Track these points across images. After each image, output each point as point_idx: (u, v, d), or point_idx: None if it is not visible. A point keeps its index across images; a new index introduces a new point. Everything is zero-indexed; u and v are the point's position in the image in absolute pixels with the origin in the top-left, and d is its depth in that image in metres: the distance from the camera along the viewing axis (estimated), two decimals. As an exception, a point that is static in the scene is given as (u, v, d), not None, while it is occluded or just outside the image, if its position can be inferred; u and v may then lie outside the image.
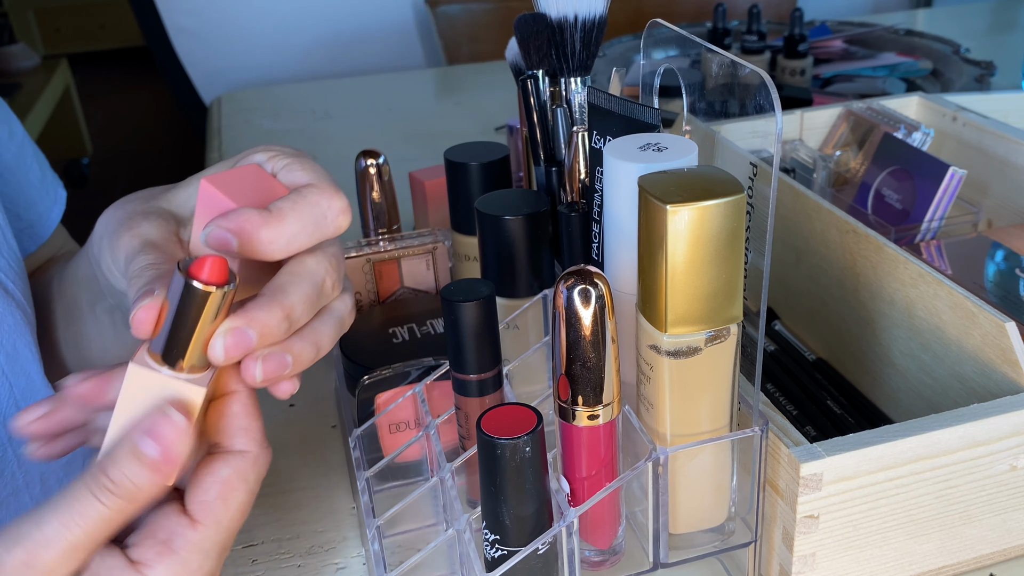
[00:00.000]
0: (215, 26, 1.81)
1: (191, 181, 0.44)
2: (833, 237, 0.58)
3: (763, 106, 0.37)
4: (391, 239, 0.64)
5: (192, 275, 0.34)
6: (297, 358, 0.37)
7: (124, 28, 3.82)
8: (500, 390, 0.48)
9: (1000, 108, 0.81)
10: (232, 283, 0.35)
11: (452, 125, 1.17)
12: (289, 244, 0.37)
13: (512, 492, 0.40)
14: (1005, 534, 0.48)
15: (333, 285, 0.39)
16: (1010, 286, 0.58)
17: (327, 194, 0.38)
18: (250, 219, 0.36)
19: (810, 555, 0.44)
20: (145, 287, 0.37)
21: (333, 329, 0.39)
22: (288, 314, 0.36)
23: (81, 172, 3.08)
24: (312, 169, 0.40)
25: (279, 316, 0.36)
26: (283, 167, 0.41)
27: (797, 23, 1.11)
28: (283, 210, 0.37)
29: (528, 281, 0.53)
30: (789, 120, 0.78)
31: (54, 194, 0.65)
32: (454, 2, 1.68)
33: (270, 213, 0.37)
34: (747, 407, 0.44)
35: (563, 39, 0.54)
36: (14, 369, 0.52)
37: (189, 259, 0.35)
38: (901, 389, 0.55)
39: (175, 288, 0.35)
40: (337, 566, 0.52)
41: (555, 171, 0.56)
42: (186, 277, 0.34)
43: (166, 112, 3.54)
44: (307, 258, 0.38)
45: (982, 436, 0.44)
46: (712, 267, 0.39)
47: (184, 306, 0.34)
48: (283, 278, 0.37)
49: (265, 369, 0.36)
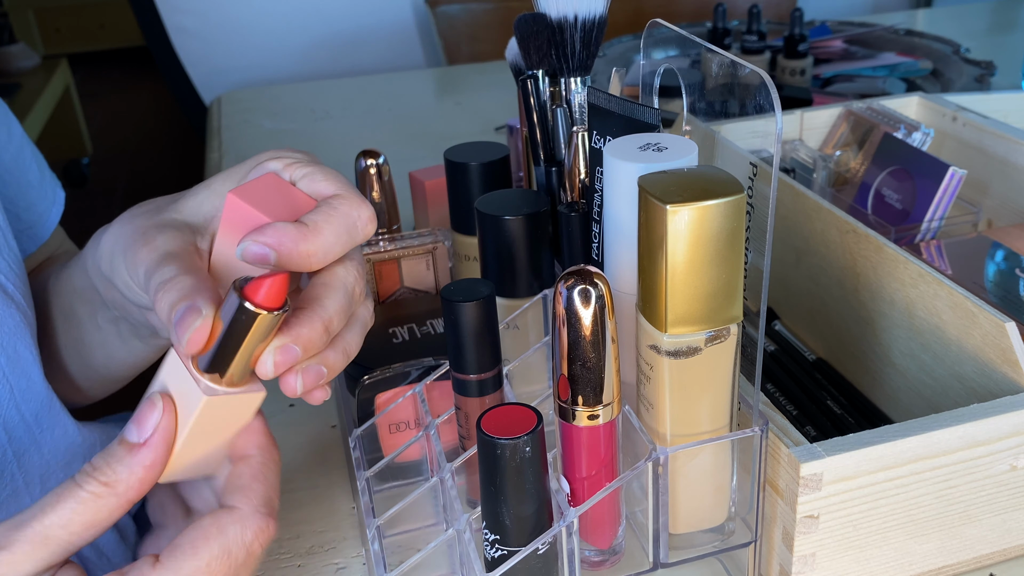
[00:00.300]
0: (215, 26, 1.81)
1: (197, 191, 0.44)
2: (833, 237, 0.58)
3: (763, 106, 0.37)
4: (391, 239, 0.64)
5: (248, 297, 0.34)
6: (331, 368, 0.38)
7: (124, 28, 3.82)
8: (500, 390, 0.48)
9: (1000, 108, 0.81)
10: (287, 307, 0.35)
11: (452, 125, 1.17)
12: (326, 256, 0.38)
13: (512, 492, 0.40)
14: (1005, 534, 0.48)
15: (360, 292, 0.40)
16: (1010, 286, 0.58)
17: (356, 204, 0.39)
18: (288, 233, 0.37)
19: (810, 555, 0.44)
20: (181, 301, 0.36)
21: (359, 335, 0.40)
22: (327, 326, 0.37)
23: (81, 172, 3.08)
24: (334, 178, 0.41)
25: (320, 330, 0.37)
26: (303, 176, 0.41)
27: (797, 23, 1.11)
28: (319, 223, 0.38)
29: (528, 281, 0.53)
30: (789, 120, 0.78)
31: (53, 195, 0.65)
32: (454, 2, 1.68)
33: (307, 227, 0.37)
34: (747, 407, 0.44)
35: (563, 39, 0.54)
36: (14, 371, 0.52)
37: (244, 279, 0.35)
38: (901, 389, 0.55)
39: (229, 307, 0.35)
40: (337, 566, 0.52)
41: (555, 171, 0.56)
42: (242, 299, 0.34)
43: (166, 112, 3.54)
44: (338, 268, 0.39)
45: (982, 436, 0.44)
46: (712, 267, 0.39)
47: (238, 326, 0.35)
48: (318, 290, 0.38)
49: (305, 382, 0.37)
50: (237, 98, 1.33)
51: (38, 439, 0.54)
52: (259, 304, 0.34)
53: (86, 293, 0.52)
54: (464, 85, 1.37)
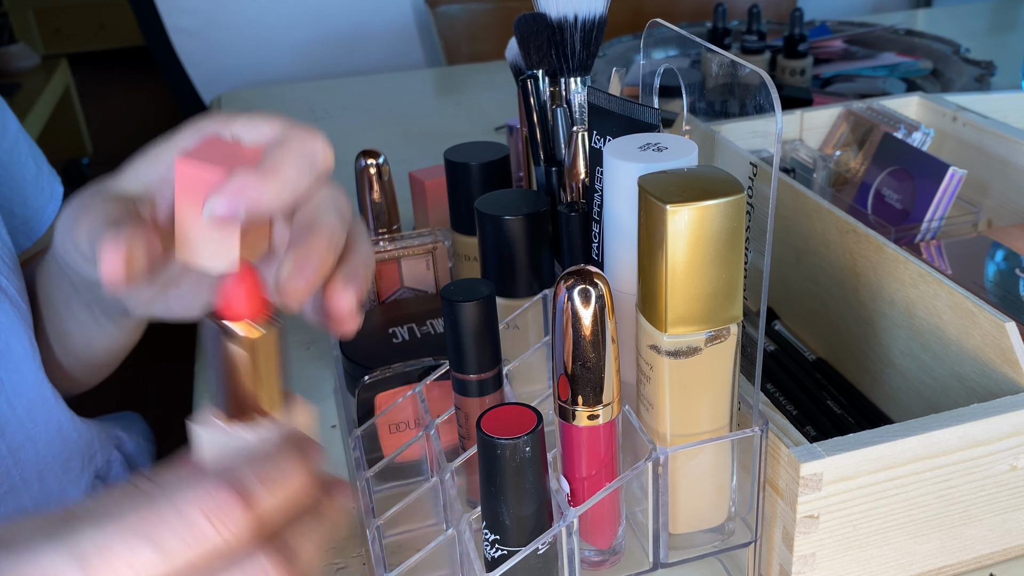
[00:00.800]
0: (215, 26, 1.81)
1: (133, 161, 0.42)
2: (833, 237, 0.58)
3: (763, 106, 0.37)
4: (391, 239, 0.64)
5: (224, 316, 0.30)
6: None
7: (124, 28, 3.82)
8: (500, 390, 0.48)
9: (1000, 108, 0.81)
10: (278, 322, 0.31)
11: (452, 125, 1.17)
12: (294, 191, 0.36)
13: (512, 492, 0.40)
14: (1005, 534, 0.48)
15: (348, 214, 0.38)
16: (1010, 286, 0.58)
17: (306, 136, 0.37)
18: (248, 182, 0.34)
19: (810, 555, 0.44)
20: None
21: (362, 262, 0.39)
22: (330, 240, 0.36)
23: (81, 172, 3.08)
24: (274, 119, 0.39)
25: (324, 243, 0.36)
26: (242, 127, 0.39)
27: (797, 23, 1.11)
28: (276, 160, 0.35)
29: (528, 281, 0.53)
30: (789, 120, 0.78)
31: (50, 191, 0.65)
32: (454, 2, 1.68)
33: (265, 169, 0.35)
34: (747, 407, 0.44)
35: (563, 39, 0.54)
36: (5, 365, 0.52)
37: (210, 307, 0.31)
38: (901, 389, 0.55)
39: (211, 341, 0.30)
40: (337, 566, 0.52)
41: (555, 171, 0.56)
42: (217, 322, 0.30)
43: (166, 112, 3.53)
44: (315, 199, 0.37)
45: (982, 436, 0.44)
46: (712, 267, 0.39)
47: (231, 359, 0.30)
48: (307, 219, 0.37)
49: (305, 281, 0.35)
50: (237, 98, 1.33)
51: (32, 434, 0.54)
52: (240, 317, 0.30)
53: (58, 279, 0.52)
54: (464, 85, 1.37)
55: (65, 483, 0.58)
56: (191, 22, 1.81)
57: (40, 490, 0.56)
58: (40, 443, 0.55)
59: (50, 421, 0.55)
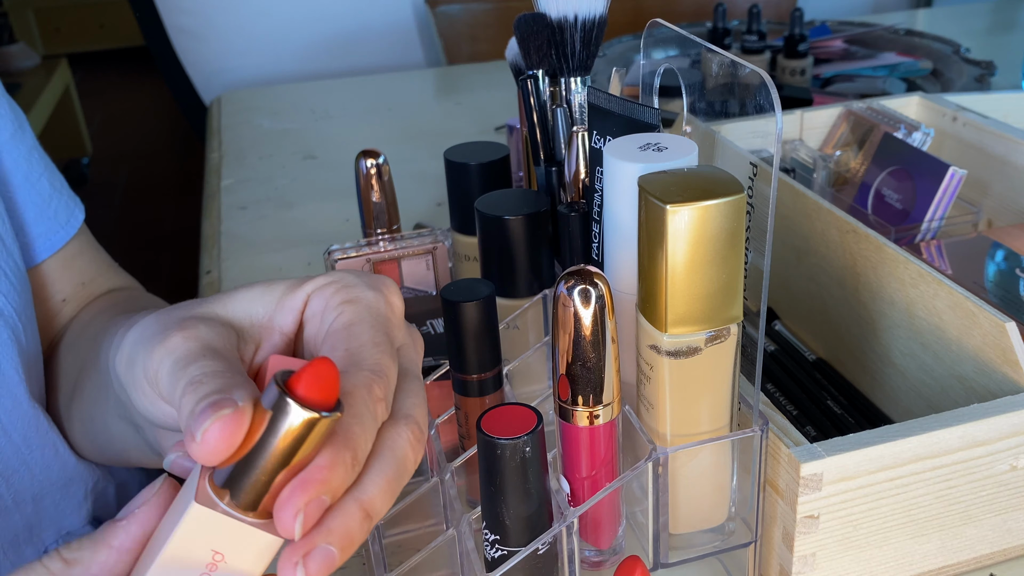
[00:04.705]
0: (215, 26, 1.81)
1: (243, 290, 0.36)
2: (833, 237, 0.58)
3: (763, 106, 0.37)
4: (391, 239, 0.64)
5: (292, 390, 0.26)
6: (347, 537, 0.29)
7: (124, 28, 3.82)
8: (500, 390, 0.48)
9: (1000, 108, 0.81)
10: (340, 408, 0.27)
11: (452, 125, 1.17)
12: None
13: (512, 492, 0.40)
14: (1005, 534, 0.48)
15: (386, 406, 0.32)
16: (1010, 286, 0.58)
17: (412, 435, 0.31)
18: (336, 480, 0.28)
19: (810, 555, 0.44)
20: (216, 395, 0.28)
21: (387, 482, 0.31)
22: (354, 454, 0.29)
23: (81, 172, 3.08)
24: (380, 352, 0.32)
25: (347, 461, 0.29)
26: None
27: (797, 23, 1.11)
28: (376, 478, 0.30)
29: (528, 281, 0.53)
30: (789, 120, 0.78)
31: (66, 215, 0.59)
32: (454, 2, 1.68)
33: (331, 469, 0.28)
34: (747, 407, 0.44)
35: (563, 39, 0.54)
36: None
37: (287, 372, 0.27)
38: (901, 389, 0.55)
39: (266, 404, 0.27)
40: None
41: (555, 171, 0.56)
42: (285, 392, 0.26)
43: (166, 112, 3.54)
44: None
45: (982, 436, 0.44)
46: (712, 267, 0.39)
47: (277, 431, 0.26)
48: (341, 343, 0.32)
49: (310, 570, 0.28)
50: (237, 98, 1.33)
51: (27, 459, 0.53)
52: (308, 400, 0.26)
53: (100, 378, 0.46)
54: (464, 85, 1.37)
55: (64, 507, 0.57)
56: (191, 22, 1.81)
57: (35, 512, 0.55)
58: (35, 468, 0.54)
59: (45, 446, 0.54)
